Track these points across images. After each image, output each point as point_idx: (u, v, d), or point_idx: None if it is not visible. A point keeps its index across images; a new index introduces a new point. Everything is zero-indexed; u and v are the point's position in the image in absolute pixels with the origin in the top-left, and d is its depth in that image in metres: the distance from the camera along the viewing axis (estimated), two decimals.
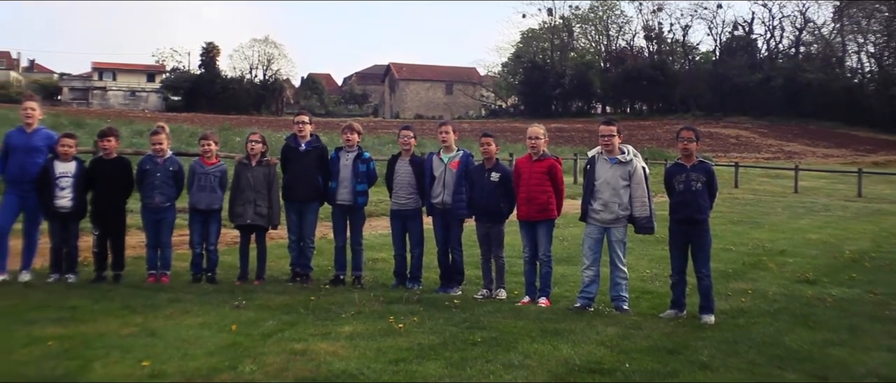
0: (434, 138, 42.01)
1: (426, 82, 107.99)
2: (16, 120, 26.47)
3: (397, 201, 9.03)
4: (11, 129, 9.05)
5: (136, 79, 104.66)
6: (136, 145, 24.88)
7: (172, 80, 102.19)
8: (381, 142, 37.69)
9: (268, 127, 56.63)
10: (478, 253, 8.86)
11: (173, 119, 62.68)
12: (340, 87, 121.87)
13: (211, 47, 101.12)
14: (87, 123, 33.51)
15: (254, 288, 8.43)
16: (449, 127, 8.92)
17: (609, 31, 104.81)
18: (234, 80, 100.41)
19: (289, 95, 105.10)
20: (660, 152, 45.59)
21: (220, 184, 8.94)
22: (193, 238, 8.92)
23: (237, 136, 32.80)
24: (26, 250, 8.77)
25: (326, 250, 10.33)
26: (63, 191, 8.54)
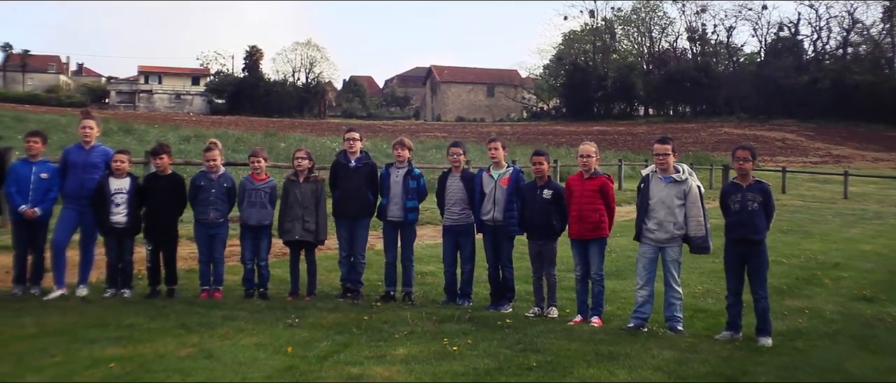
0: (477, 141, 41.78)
1: (467, 85, 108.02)
2: (67, 125, 26.97)
3: (450, 217, 9.03)
4: (70, 146, 9.19)
5: (181, 82, 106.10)
6: (183, 152, 25.21)
7: (216, 83, 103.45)
8: (424, 147, 37.70)
9: (310, 130, 57.08)
10: (525, 267, 8.80)
11: (217, 122, 63.51)
12: (382, 90, 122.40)
13: (254, 50, 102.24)
14: (136, 128, 34.03)
15: (305, 305, 8.46)
16: (498, 143, 8.88)
17: (652, 32, 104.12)
18: (277, 82, 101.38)
19: (331, 98, 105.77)
20: (704, 156, 45.08)
21: (269, 199, 9.01)
22: (244, 254, 9.00)
23: (281, 142, 33.09)
24: (83, 265, 8.91)
25: (374, 262, 10.37)
26: (118, 207, 8.66)
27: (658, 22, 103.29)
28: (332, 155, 28.13)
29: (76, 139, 8.81)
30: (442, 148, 37.77)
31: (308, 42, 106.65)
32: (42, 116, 38.29)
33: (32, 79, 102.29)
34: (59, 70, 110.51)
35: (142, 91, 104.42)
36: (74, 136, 25.66)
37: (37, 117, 36.85)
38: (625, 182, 29.98)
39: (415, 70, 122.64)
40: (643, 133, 69.64)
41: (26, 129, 27.70)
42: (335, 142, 35.18)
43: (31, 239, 8.75)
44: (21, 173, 8.72)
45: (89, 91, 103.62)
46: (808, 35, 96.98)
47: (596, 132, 71.00)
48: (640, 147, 52.74)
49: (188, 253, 10.76)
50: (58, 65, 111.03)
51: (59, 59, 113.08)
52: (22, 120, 33.55)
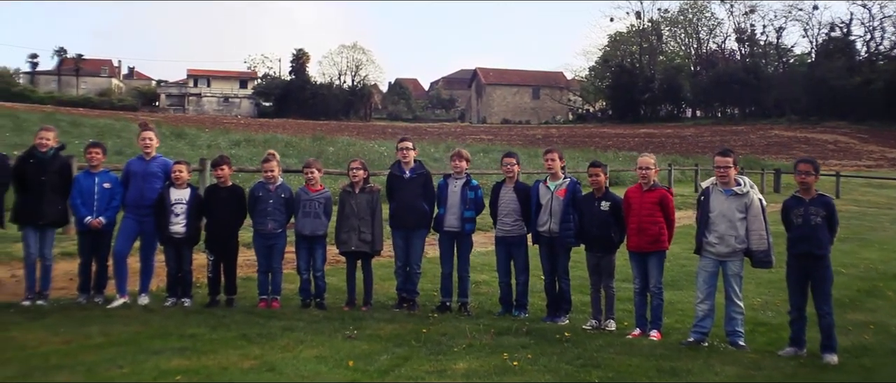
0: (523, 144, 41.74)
1: (513, 87, 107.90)
2: (121, 129, 27.47)
3: (502, 228, 9.02)
4: (132, 158, 9.35)
5: (229, 85, 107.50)
6: (235, 158, 25.49)
7: (264, 86, 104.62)
8: (471, 151, 37.61)
9: (357, 133, 57.41)
10: (577, 276, 8.75)
11: (265, 125, 64.23)
12: (427, 92, 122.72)
13: (301, 54, 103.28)
14: (187, 133, 34.46)
15: (362, 315, 8.51)
16: (555, 154, 8.85)
17: (699, 33, 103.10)
18: (324, 85, 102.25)
19: (377, 101, 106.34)
20: (755, 160, 44.45)
21: (324, 210, 9.08)
22: (300, 264, 9.08)
23: (330, 146, 33.33)
24: (144, 274, 9.06)
25: (428, 272, 10.39)
26: (177, 217, 8.80)
27: (706, 23, 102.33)
28: (380, 158, 28.31)
29: (130, 143, 9.02)
30: (489, 152, 37.81)
31: (354, 45, 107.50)
32: (96, 121, 39.00)
33: (86, 82, 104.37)
34: (111, 74, 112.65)
35: (191, 94, 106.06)
36: (128, 141, 26.27)
37: (91, 121, 37.53)
38: (674, 186, 29.64)
39: (460, 72, 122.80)
40: (691, 136, 68.96)
41: (83, 134, 28.37)
42: (383, 146, 35.34)
43: (95, 248, 8.93)
44: (84, 184, 8.90)
45: (140, 94, 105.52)
46: (861, 35, 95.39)
47: (643, 135, 70.49)
48: (688, 150, 52.23)
49: (243, 260, 10.87)
50: (110, 68, 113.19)
51: (111, 62, 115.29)
52: (78, 124, 34.20)
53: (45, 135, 8.89)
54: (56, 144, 9.00)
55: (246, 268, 10.57)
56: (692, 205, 24.44)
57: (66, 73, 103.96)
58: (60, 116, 39.24)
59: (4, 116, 35.53)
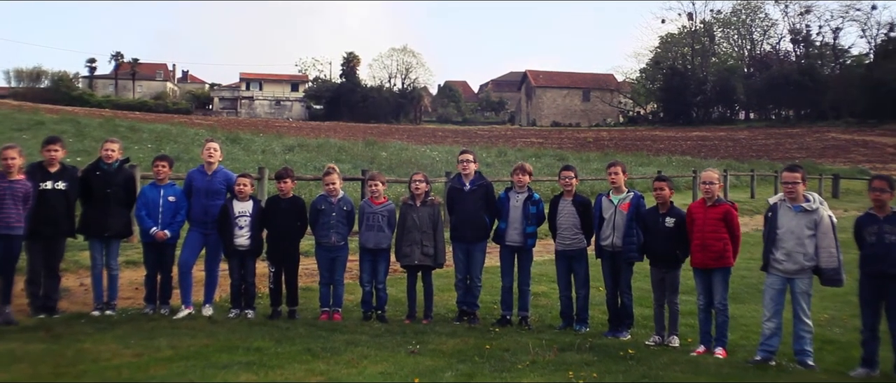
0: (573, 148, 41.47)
1: (563, 89, 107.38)
2: (177, 135, 27.97)
3: (562, 242, 8.98)
4: (193, 170, 9.50)
5: (280, 88, 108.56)
6: (290, 163, 25.78)
7: (314, 89, 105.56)
8: (524, 156, 37.54)
9: (407, 137, 57.58)
10: (638, 287, 8.66)
11: (317, 129, 64.75)
12: (477, 95, 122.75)
13: (351, 57, 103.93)
14: (242, 138, 34.92)
15: (424, 329, 8.52)
16: (619, 168, 8.77)
17: (752, 34, 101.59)
18: (374, 88, 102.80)
19: (426, 103, 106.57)
20: (811, 164, 43.59)
21: (387, 223, 9.11)
22: (363, 276, 9.13)
23: (383, 151, 33.51)
24: (208, 285, 9.20)
25: (486, 283, 10.37)
26: (241, 229, 8.92)
27: (759, 24, 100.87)
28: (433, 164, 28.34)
29: (187, 149, 9.15)
30: (541, 157, 37.69)
31: (404, 48, 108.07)
32: (154, 126, 39.73)
33: (141, 86, 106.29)
34: (166, 77, 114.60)
35: (243, 97, 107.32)
36: (185, 147, 26.69)
37: (149, 127, 38.25)
38: (730, 192, 29.23)
39: (509, 74, 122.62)
40: (745, 139, 67.92)
41: (141, 139, 28.91)
42: (435, 150, 35.52)
43: (160, 259, 9.09)
44: (150, 197, 9.06)
45: (194, 97, 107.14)
46: None
47: (695, 137, 69.63)
48: (742, 154, 51.46)
49: (302, 268, 10.94)
50: (165, 72, 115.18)
51: (166, 66, 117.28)
52: (136, 129, 34.89)
53: (111, 147, 9.07)
54: (121, 156, 9.18)
55: (304, 276, 10.65)
56: (748, 212, 24.17)
57: (122, 76, 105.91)
58: (119, 122, 40.05)
59: (66, 121, 36.37)
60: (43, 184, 8.61)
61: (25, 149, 8.49)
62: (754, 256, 8.95)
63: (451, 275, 9.66)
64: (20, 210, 8.32)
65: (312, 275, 10.46)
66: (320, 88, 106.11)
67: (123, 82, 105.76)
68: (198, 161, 23.91)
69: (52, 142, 8.88)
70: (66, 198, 8.77)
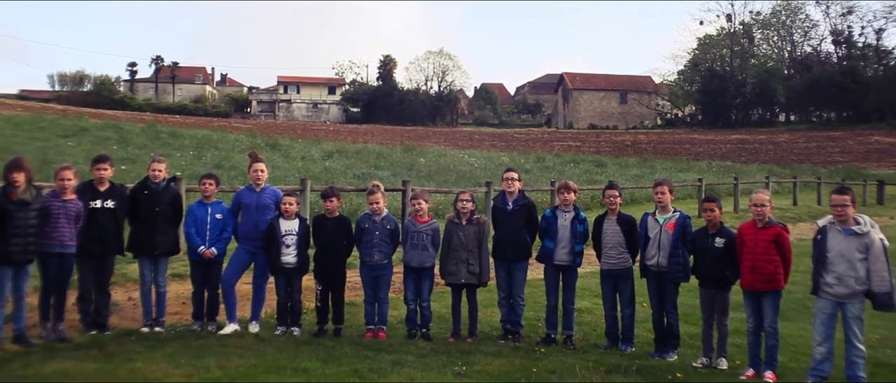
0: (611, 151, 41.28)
1: (600, 92, 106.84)
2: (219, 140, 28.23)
3: (607, 261, 8.95)
4: (242, 188, 9.59)
5: (317, 91, 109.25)
6: (329, 170, 25.96)
7: (351, 92, 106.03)
8: (562, 162, 37.41)
9: (444, 140, 57.67)
10: (683, 303, 8.60)
11: (354, 132, 65.05)
12: (513, 97, 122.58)
13: (388, 60, 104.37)
14: (281, 144, 35.18)
15: (469, 348, 8.53)
16: (665, 187, 8.71)
17: (793, 36, 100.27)
18: (411, 91, 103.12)
19: (463, 106, 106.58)
20: (855, 169, 42.92)
21: (432, 242, 9.14)
22: (407, 294, 9.17)
23: (421, 157, 33.56)
24: (255, 302, 9.30)
25: (527, 298, 10.35)
26: (288, 248, 8.99)
27: (800, 25, 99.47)
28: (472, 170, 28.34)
29: (227, 156, 9.25)
30: (579, 163, 37.52)
31: (440, 51, 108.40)
32: (195, 131, 40.11)
33: (181, 89, 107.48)
34: (205, 81, 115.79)
35: (281, 100, 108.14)
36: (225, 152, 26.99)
37: (190, 132, 38.63)
38: None
39: (546, 77, 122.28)
40: (786, 142, 67.09)
41: (182, 145, 29.26)
42: (473, 156, 35.50)
43: (206, 276, 9.20)
44: (198, 214, 9.18)
45: (232, 100, 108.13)
46: None
47: (734, 140, 68.92)
48: (784, 158, 50.79)
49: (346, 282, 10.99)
50: (204, 75, 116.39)
51: (205, 70, 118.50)
52: (177, 135, 35.28)
53: (158, 166, 9.19)
54: (167, 175, 9.31)
55: (348, 290, 10.69)
56: (790, 220, 23.88)
57: (162, 80, 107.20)
58: (160, 128, 40.49)
59: (109, 128, 36.90)
60: (93, 202, 8.75)
61: (71, 157, 8.65)
62: (798, 269, 8.81)
63: (492, 290, 9.65)
64: (73, 228, 8.48)
65: (354, 288, 10.50)
66: (357, 91, 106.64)
67: (163, 85, 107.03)
68: (238, 168, 24.26)
69: (102, 160, 9.01)
70: (115, 217, 8.90)
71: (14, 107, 54.31)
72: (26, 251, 8.11)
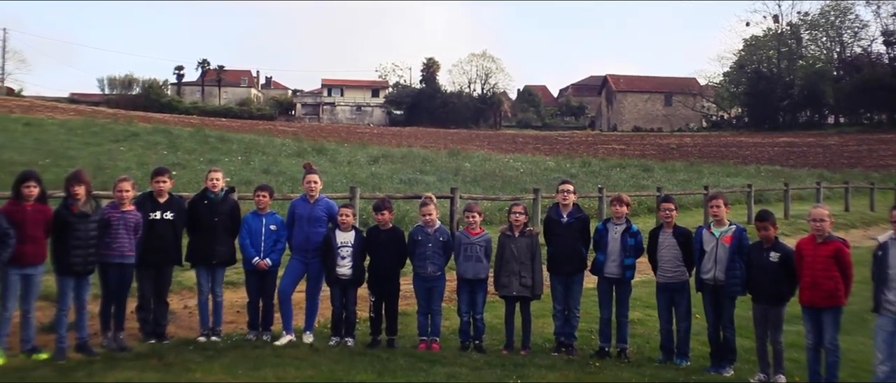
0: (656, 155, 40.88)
1: (644, 94, 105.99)
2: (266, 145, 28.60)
3: (663, 274, 8.88)
4: (296, 199, 9.69)
5: (361, 94, 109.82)
6: (376, 176, 26.09)
7: (395, 94, 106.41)
8: (607, 166, 37.17)
9: (488, 143, 57.69)
10: (739, 315, 8.53)
11: (398, 135, 65.31)
12: (556, 99, 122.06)
13: (431, 62, 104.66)
14: (327, 148, 35.44)
15: (522, 361, 8.53)
16: (720, 200, 8.64)
17: (842, 36, 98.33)
18: (454, 94, 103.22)
19: (506, 108, 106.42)
20: None
21: (485, 253, 9.15)
22: (461, 306, 9.19)
23: (467, 162, 33.60)
24: (309, 312, 9.37)
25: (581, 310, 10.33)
26: (343, 259, 9.06)
27: (849, 26, 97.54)
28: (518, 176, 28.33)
29: (275, 161, 9.37)
30: (625, 167, 37.26)
31: (483, 53, 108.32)
32: (242, 136, 40.62)
33: (227, 92, 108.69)
34: (250, 84, 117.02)
35: (325, 103, 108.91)
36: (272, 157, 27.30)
37: (238, 137, 39.12)
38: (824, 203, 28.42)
39: (589, 79, 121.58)
40: (835, 145, 65.92)
41: (230, 150, 29.62)
42: (518, 160, 35.46)
43: (262, 286, 9.30)
44: (253, 225, 9.28)
45: (277, 103, 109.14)
46: None
47: (782, 143, 67.91)
48: (834, 162, 49.93)
49: None
50: (249, 78, 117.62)
51: (250, 73, 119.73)
52: (225, 140, 35.73)
53: (215, 176, 9.32)
54: (225, 185, 9.44)
55: (400, 300, 10.74)
56: (842, 226, 23.46)
57: (208, 83, 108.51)
58: (209, 132, 41.05)
59: (159, 132, 37.49)
60: (152, 214, 8.90)
61: (123, 162, 8.79)
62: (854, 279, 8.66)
63: (544, 300, 9.62)
64: (132, 239, 8.63)
65: (405, 297, 10.53)
66: (400, 94, 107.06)
67: (209, 89, 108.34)
68: (286, 173, 24.51)
69: (161, 173, 9.16)
70: (174, 228, 9.05)
71: (66, 111, 55.44)
72: (87, 261, 8.29)
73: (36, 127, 36.67)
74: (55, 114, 48.05)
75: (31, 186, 8.08)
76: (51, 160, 23.95)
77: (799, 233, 18.48)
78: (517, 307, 9.21)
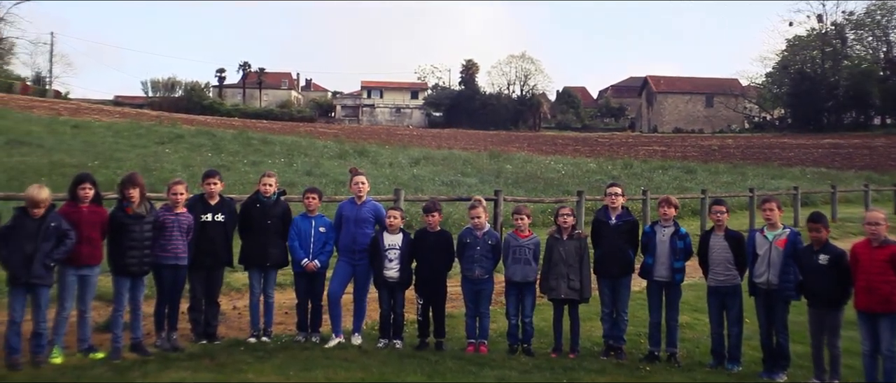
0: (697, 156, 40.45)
1: (685, 95, 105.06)
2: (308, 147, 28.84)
3: (715, 278, 8.78)
4: (343, 202, 9.75)
5: (400, 96, 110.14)
6: (418, 178, 26.16)
7: (434, 96, 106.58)
8: (650, 168, 36.88)
9: (527, 145, 57.53)
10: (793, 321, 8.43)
11: (437, 136, 65.39)
12: (596, 101, 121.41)
13: (470, 64, 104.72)
14: (369, 150, 35.59)
15: (571, 364, 8.50)
16: (774, 203, 8.53)
17: (889, 36, 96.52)
18: (493, 95, 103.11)
19: (545, 110, 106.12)
20: None
21: (533, 255, 9.13)
22: (509, 309, 9.18)
23: (508, 164, 33.55)
24: (357, 314, 9.42)
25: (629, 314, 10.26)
26: (391, 262, 9.10)
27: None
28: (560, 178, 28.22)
29: (316, 161, 9.44)
30: (668, 169, 36.96)
31: (522, 55, 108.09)
32: (284, 138, 40.96)
33: (267, 94, 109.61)
34: (291, 86, 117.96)
35: (365, 105, 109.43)
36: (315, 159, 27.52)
37: (280, 139, 39.46)
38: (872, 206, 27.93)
39: (629, 80, 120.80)
40: (882, 146, 64.67)
41: (274, 152, 29.92)
42: (559, 162, 35.31)
43: (310, 288, 9.38)
44: (302, 227, 9.36)
45: (317, 105, 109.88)
46: None
47: (827, 145, 66.84)
48: (881, 164, 49.04)
49: None
50: (289, 81, 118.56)
51: (290, 75, 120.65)
52: (268, 142, 36.07)
53: (268, 181, 9.41)
54: (278, 189, 9.53)
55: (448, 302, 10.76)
56: (891, 229, 22.97)
57: (249, 85, 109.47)
58: (251, 134, 41.48)
59: (203, 134, 37.94)
60: (204, 216, 9.03)
61: (168, 164, 8.91)
62: None
63: (592, 303, 9.58)
64: (184, 241, 8.77)
65: (452, 300, 10.54)
66: (439, 96, 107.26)
67: (250, 91, 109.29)
68: (329, 175, 24.68)
69: (212, 175, 9.28)
70: (225, 230, 9.17)
71: (111, 113, 56.30)
72: (142, 263, 8.44)
73: (84, 129, 37.33)
74: (101, 117, 48.81)
75: (86, 188, 8.24)
76: (99, 162, 24.39)
77: (847, 237, 18.24)
78: (565, 310, 9.18)
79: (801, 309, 8.49)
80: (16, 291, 7.81)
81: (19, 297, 7.81)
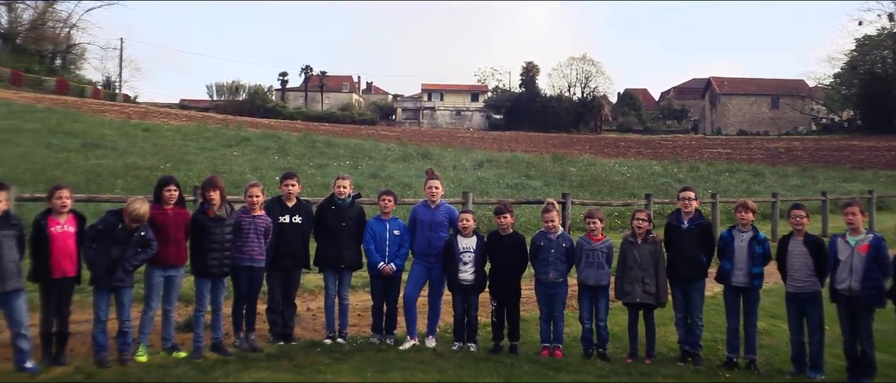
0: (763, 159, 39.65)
1: (750, 96, 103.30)
2: (371, 150, 29.10)
3: (793, 284, 8.62)
4: (417, 205, 9.81)
5: (460, 99, 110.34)
6: (482, 181, 26.17)
7: (494, 99, 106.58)
8: (717, 171, 36.31)
9: (590, 148, 57.09)
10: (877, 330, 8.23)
11: (498, 139, 65.32)
12: (657, 102, 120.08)
13: (530, 66, 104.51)
14: (432, 153, 35.72)
15: (648, 370, 8.43)
16: (856, 208, 8.34)
17: None
18: (553, 98, 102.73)
19: (606, 112, 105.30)
20: None
21: (606, 259, 9.08)
22: (582, 313, 9.14)
23: (571, 167, 33.37)
24: (431, 317, 9.48)
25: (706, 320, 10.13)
26: (465, 265, 9.13)
27: None
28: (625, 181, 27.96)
29: (382, 166, 9.50)
30: (735, 172, 36.38)
31: (583, 57, 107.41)
32: (347, 141, 41.31)
33: (329, 98, 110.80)
34: (352, 89, 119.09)
35: (425, 108, 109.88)
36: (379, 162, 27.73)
37: (343, 142, 39.83)
38: None
39: (692, 81, 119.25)
40: None
41: (338, 154, 30.25)
42: (624, 165, 34.99)
43: (386, 290, 9.45)
44: (377, 230, 9.44)
45: (378, 108, 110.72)
46: None
47: None
48: None
49: None
50: (350, 84, 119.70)
51: (351, 78, 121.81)
52: (332, 145, 36.43)
53: (343, 183, 9.51)
54: (353, 192, 9.63)
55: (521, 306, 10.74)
56: None
57: (311, 88, 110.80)
58: (315, 137, 41.94)
59: (268, 137, 38.50)
60: (281, 217, 9.17)
61: (237, 166, 9.06)
62: None
63: (667, 309, 9.47)
64: (262, 243, 8.91)
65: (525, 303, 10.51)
66: (500, 98, 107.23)
67: (312, 94, 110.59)
68: (394, 178, 24.84)
69: (289, 177, 9.43)
70: (302, 232, 9.30)
71: (178, 117, 57.43)
72: (222, 264, 8.61)
73: (154, 132, 38.18)
74: (169, 120, 49.86)
75: (171, 189, 8.45)
76: (170, 164, 24.90)
77: None
78: (640, 315, 9.11)
79: (886, 317, 8.29)
80: (100, 291, 8.04)
81: (104, 297, 8.03)
